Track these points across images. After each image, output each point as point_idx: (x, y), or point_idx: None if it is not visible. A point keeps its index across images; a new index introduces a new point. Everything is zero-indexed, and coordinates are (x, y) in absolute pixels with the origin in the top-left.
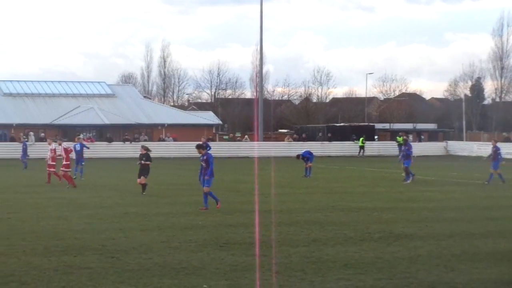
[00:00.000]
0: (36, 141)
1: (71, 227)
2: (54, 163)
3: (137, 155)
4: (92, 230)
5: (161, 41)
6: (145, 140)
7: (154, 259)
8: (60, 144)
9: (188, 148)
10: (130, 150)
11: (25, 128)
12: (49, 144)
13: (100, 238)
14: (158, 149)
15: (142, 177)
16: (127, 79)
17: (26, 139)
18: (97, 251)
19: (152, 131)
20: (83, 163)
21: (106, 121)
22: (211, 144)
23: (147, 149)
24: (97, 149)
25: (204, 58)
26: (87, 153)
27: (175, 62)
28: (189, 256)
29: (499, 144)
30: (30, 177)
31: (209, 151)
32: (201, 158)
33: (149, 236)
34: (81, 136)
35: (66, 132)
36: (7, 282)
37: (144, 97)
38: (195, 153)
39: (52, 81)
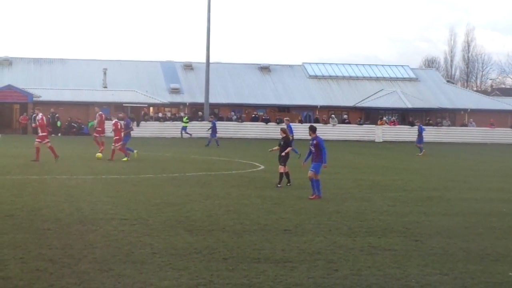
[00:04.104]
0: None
1: (374, 208)
2: None
3: (438, 140)
4: (395, 213)
5: (466, 25)
6: (448, 125)
7: (458, 244)
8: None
9: (490, 134)
10: (432, 134)
11: (328, 110)
12: None
13: (403, 221)
14: (461, 134)
15: (280, 166)
16: (430, 63)
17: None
18: (401, 234)
19: (455, 116)
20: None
21: (409, 105)
22: None
23: (286, 132)
24: (400, 133)
25: (509, 43)
26: (391, 136)
27: (479, 47)
28: (493, 242)
29: None
30: (336, 159)
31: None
32: (311, 142)
33: (453, 221)
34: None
35: (369, 114)
36: (314, 259)
37: (447, 81)
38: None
39: (356, 64)
